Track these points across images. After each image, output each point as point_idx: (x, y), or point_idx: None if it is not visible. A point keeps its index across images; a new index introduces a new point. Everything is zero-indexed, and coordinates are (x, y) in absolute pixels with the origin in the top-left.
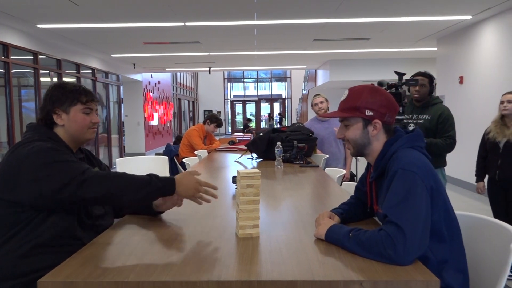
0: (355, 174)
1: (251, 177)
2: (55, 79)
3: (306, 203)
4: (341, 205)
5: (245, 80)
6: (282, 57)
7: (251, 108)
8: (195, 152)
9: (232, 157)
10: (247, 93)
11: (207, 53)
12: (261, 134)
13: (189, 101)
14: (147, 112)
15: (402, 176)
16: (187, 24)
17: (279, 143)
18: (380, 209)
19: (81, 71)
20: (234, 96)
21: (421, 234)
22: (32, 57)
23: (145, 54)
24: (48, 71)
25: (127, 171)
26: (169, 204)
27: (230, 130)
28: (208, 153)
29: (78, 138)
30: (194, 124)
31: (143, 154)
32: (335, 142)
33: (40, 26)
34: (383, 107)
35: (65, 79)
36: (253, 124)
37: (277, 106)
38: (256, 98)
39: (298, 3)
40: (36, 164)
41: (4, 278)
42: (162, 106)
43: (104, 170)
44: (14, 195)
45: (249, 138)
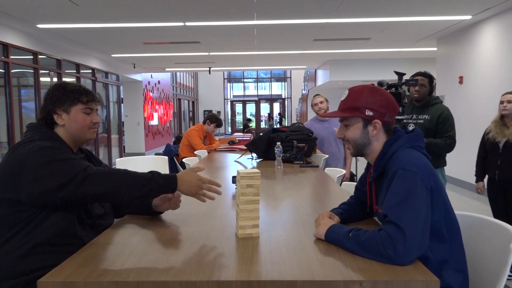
0: (355, 174)
1: (251, 177)
2: (55, 79)
3: (306, 203)
4: (341, 205)
5: (245, 80)
6: (282, 57)
7: (251, 108)
8: (195, 152)
9: (232, 157)
10: (247, 93)
11: (207, 53)
12: (261, 134)
13: (189, 101)
14: (147, 112)
15: (402, 176)
16: (187, 24)
17: (279, 143)
18: (380, 209)
19: (81, 71)
20: (234, 96)
21: (421, 234)
22: (32, 57)
23: (145, 54)
24: (48, 71)
25: None
26: (167, 206)
27: (230, 130)
28: (208, 153)
29: (79, 138)
30: (194, 124)
31: (143, 154)
32: (335, 142)
33: (40, 26)
34: (383, 107)
35: (65, 79)
36: (253, 124)
37: (277, 106)
38: (256, 98)
39: (298, 3)
40: (37, 163)
41: (4, 278)
42: (162, 106)
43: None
44: (15, 194)
45: (249, 138)
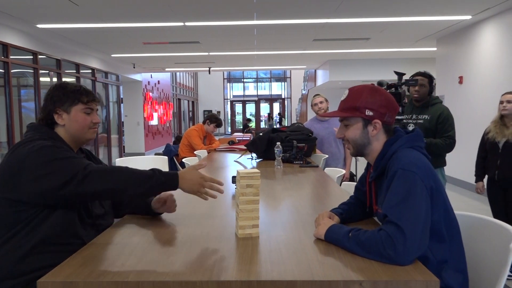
0: (355, 174)
1: (251, 177)
2: (55, 79)
3: (306, 203)
4: (341, 205)
5: (245, 80)
6: (282, 57)
7: (251, 108)
8: (195, 152)
9: (232, 157)
10: (247, 93)
11: (207, 53)
12: (261, 134)
13: (189, 101)
14: (147, 112)
15: (402, 176)
16: (187, 24)
17: (279, 143)
18: (380, 209)
19: (81, 71)
20: (234, 96)
21: (421, 234)
22: (32, 57)
23: (145, 54)
24: (48, 71)
25: None
26: (163, 209)
27: (230, 130)
28: (208, 153)
29: (79, 138)
30: (194, 124)
31: (143, 154)
32: (335, 142)
33: (40, 26)
34: (383, 107)
35: (65, 79)
36: (253, 124)
37: (277, 106)
38: (256, 98)
39: (298, 3)
40: (38, 162)
41: (5, 278)
42: (162, 106)
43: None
44: (15, 194)
45: (249, 138)
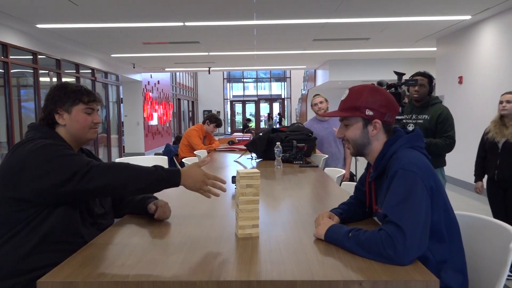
0: (355, 174)
1: (251, 177)
2: (55, 79)
3: (306, 203)
4: (341, 205)
5: (245, 80)
6: (282, 57)
7: (251, 108)
8: (195, 152)
9: (232, 157)
10: (247, 93)
11: (207, 53)
12: (261, 134)
13: (189, 101)
14: (147, 112)
15: (403, 176)
16: (187, 24)
17: (279, 143)
18: (380, 209)
19: (81, 71)
20: (234, 96)
21: (421, 234)
22: (32, 57)
23: (145, 54)
24: (48, 71)
25: None
26: (160, 213)
27: (230, 130)
28: (208, 153)
29: (80, 138)
30: (194, 124)
31: (143, 154)
32: (335, 142)
33: (40, 26)
34: (383, 107)
35: (65, 79)
36: (253, 124)
37: (277, 106)
38: (256, 98)
39: (298, 3)
40: (39, 161)
41: (6, 277)
42: (162, 106)
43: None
44: (17, 193)
45: (249, 138)
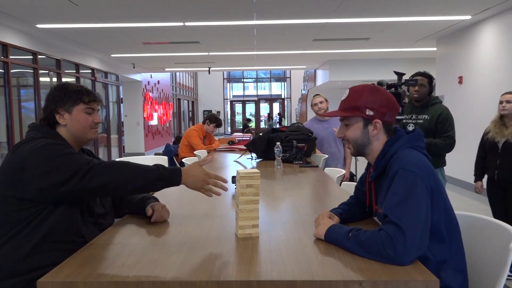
0: (355, 174)
1: (251, 177)
2: (55, 79)
3: (306, 203)
4: (341, 205)
5: (245, 80)
6: (282, 57)
7: (251, 108)
8: (195, 152)
9: (232, 157)
10: (247, 93)
11: (207, 53)
12: (261, 134)
13: (189, 101)
14: (147, 112)
15: (403, 176)
16: (187, 24)
17: (279, 143)
18: (380, 209)
19: (81, 71)
20: (234, 96)
21: (421, 234)
22: (32, 57)
23: (145, 54)
24: (48, 71)
25: None
26: (157, 217)
27: (230, 130)
28: (208, 153)
29: (80, 138)
30: (194, 124)
31: (143, 154)
32: (335, 142)
33: (40, 26)
34: (384, 107)
35: (65, 79)
36: (253, 124)
37: (277, 106)
38: (256, 98)
39: (298, 3)
40: (40, 160)
41: (7, 276)
42: (162, 106)
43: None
44: (18, 192)
45: (249, 138)
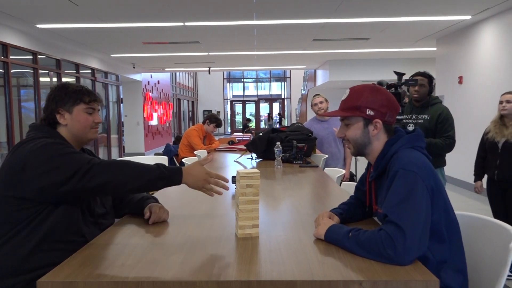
0: (355, 174)
1: (251, 177)
2: (55, 79)
3: (306, 203)
4: (341, 205)
5: (245, 80)
6: (282, 57)
7: (251, 108)
8: (195, 152)
9: (232, 157)
10: (247, 93)
11: (207, 53)
12: (261, 134)
13: (189, 101)
14: (147, 112)
15: (403, 176)
16: (187, 24)
17: (279, 143)
18: (380, 209)
19: (81, 71)
20: (234, 96)
21: (421, 234)
22: (32, 57)
23: (145, 54)
24: (48, 71)
25: None
26: (155, 218)
27: (230, 130)
28: (208, 153)
29: (81, 138)
30: (194, 124)
31: (143, 154)
32: (335, 142)
33: (40, 26)
34: (384, 107)
35: (65, 79)
36: (253, 124)
37: (277, 106)
38: (256, 98)
39: (298, 3)
40: (40, 159)
41: (8, 276)
42: (162, 106)
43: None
44: (19, 192)
45: (249, 138)
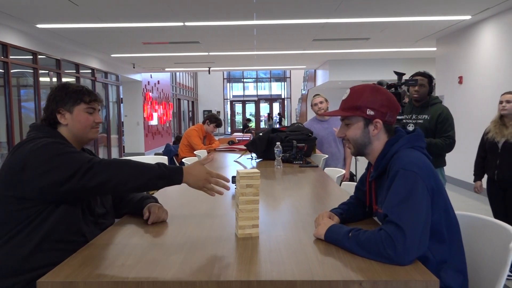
0: (355, 174)
1: (251, 177)
2: (55, 79)
3: (306, 203)
4: (341, 205)
5: (245, 80)
6: (282, 57)
7: (251, 108)
8: (195, 152)
9: (232, 157)
10: (247, 93)
11: (207, 53)
12: (261, 134)
13: (189, 101)
14: (147, 112)
15: (403, 176)
16: (187, 24)
17: (279, 143)
18: (380, 209)
19: (81, 71)
20: (234, 96)
21: (421, 234)
22: (32, 57)
23: (145, 54)
24: (48, 71)
25: None
26: (154, 219)
27: (230, 130)
28: (208, 153)
29: (81, 138)
30: (194, 124)
31: (143, 154)
32: (335, 142)
33: (40, 26)
34: (384, 107)
35: (65, 79)
36: (253, 124)
37: (277, 106)
38: (256, 98)
39: (298, 3)
40: (41, 159)
41: (8, 275)
42: (162, 106)
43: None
44: (19, 191)
45: (249, 138)
